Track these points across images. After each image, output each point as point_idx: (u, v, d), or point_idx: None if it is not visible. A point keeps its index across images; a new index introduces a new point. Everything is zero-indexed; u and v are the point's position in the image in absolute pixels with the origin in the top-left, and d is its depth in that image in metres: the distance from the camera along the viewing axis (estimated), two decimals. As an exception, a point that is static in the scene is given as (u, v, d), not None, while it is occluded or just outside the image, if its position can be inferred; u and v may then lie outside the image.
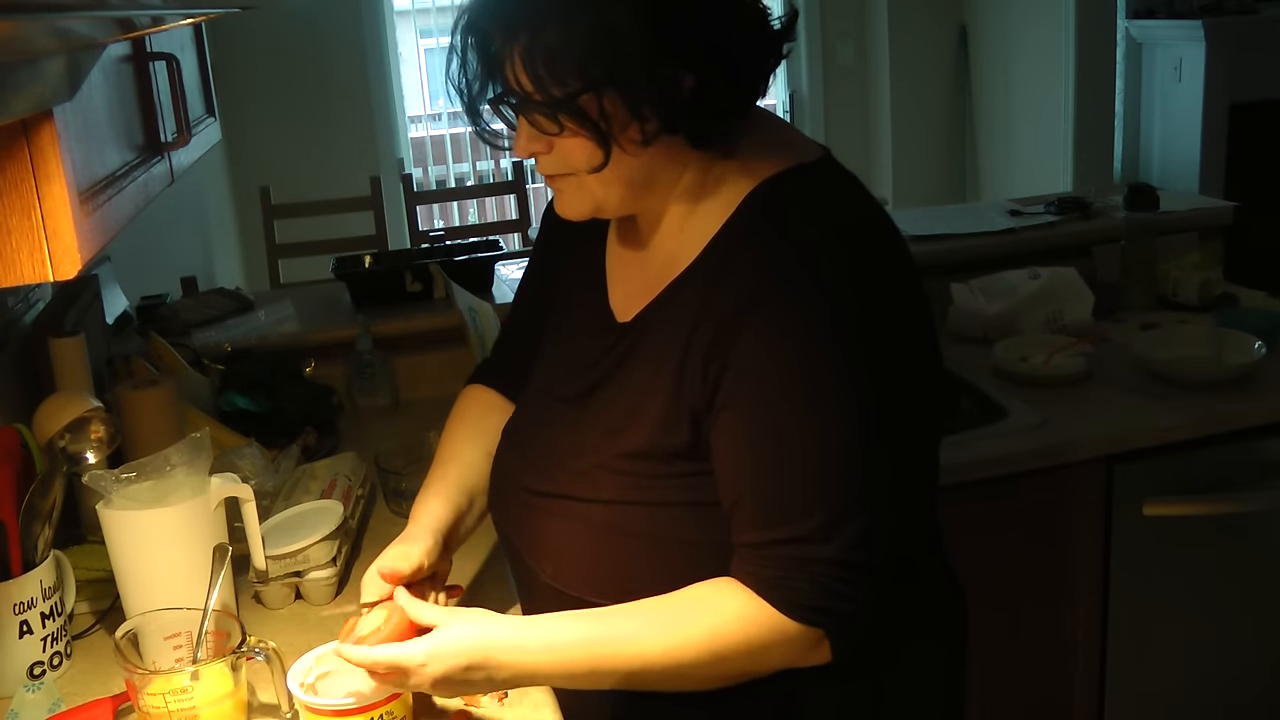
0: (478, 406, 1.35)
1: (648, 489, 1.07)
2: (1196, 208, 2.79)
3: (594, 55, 0.97)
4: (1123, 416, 2.01)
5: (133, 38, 1.40)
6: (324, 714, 1.09)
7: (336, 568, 1.45)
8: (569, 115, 0.99)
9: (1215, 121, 4.59)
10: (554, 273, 1.27)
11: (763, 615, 1.00)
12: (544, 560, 1.15)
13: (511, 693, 1.20)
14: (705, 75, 0.99)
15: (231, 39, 4.25)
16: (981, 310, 2.40)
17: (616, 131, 1.00)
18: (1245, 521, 2.04)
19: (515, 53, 0.98)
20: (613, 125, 1.00)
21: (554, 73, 0.98)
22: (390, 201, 4.33)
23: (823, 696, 1.09)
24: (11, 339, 1.65)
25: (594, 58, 0.97)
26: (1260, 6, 4.62)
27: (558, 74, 0.98)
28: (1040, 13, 4.80)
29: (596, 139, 1.00)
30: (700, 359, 1.03)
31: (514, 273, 2.54)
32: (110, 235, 1.16)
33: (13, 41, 0.83)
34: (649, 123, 1.00)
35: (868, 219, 1.07)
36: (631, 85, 0.98)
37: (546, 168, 1.07)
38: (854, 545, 0.99)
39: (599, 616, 1.04)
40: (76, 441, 1.36)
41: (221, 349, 2.14)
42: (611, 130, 1.00)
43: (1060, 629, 2.03)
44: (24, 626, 1.26)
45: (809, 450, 0.99)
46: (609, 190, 1.06)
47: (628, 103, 0.99)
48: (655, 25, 0.96)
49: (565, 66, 0.97)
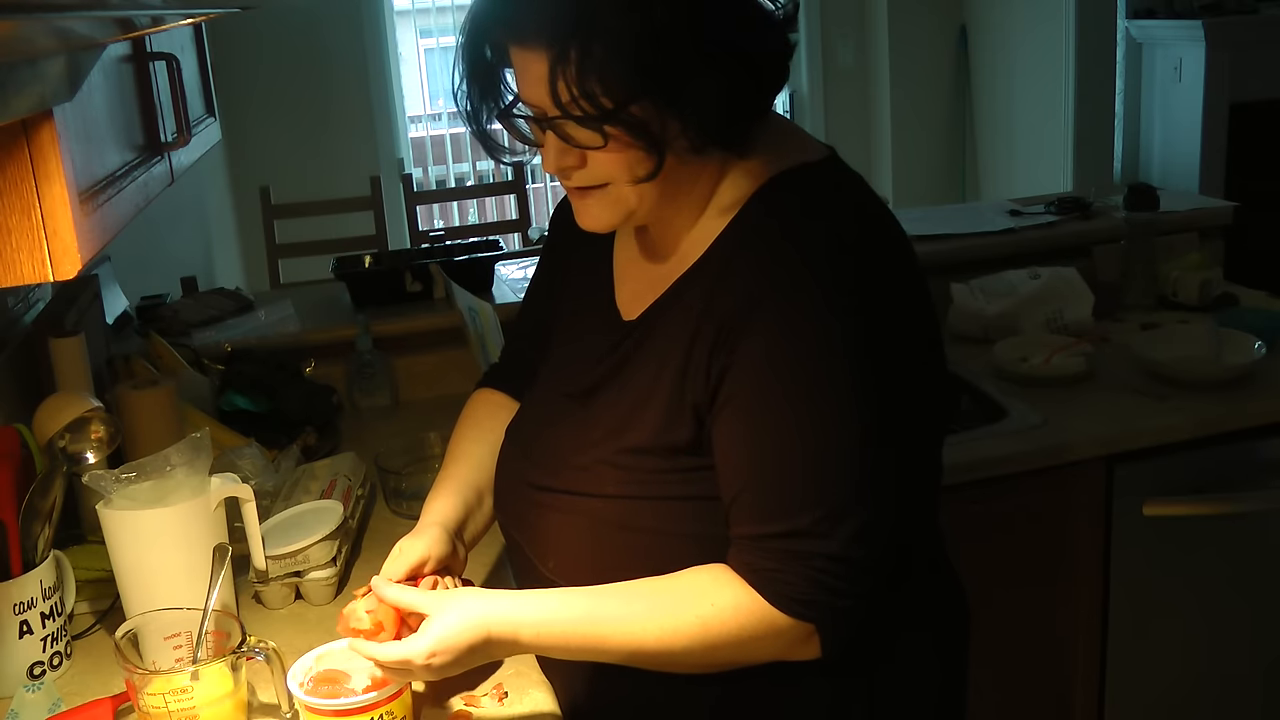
0: (486, 407, 1.36)
1: (650, 484, 1.07)
2: (1196, 208, 2.79)
3: (644, 61, 0.95)
4: (1123, 416, 2.01)
5: (133, 38, 1.40)
6: (324, 714, 1.09)
7: (336, 568, 1.45)
8: (620, 126, 0.97)
9: (1215, 121, 4.59)
10: (562, 276, 1.27)
11: (755, 607, 1.01)
12: (546, 555, 1.16)
13: (511, 692, 1.20)
14: (739, 77, 0.99)
15: (231, 39, 4.24)
16: (981, 310, 2.40)
17: (670, 139, 0.99)
18: (1245, 521, 2.04)
19: (561, 69, 0.95)
20: (667, 133, 0.99)
21: (605, 84, 0.95)
22: (390, 201, 4.33)
23: (815, 690, 1.09)
24: (11, 339, 1.65)
25: (645, 63, 0.95)
26: (1260, 6, 4.62)
27: (608, 85, 0.95)
28: (1040, 13, 4.80)
29: (649, 147, 0.99)
30: (704, 356, 1.04)
31: (514, 273, 2.54)
32: (110, 235, 1.16)
33: (13, 41, 0.83)
34: (691, 129, 0.99)
35: (872, 218, 1.07)
36: (680, 91, 0.97)
37: (579, 180, 1.05)
38: (851, 542, 1.00)
39: (594, 595, 1.06)
40: (76, 441, 1.36)
41: (221, 349, 2.14)
42: (665, 137, 0.99)
43: (1060, 629, 2.03)
44: (24, 626, 1.26)
45: (809, 446, 1.00)
46: (644, 199, 1.05)
47: (676, 109, 0.98)
48: (695, 29, 0.95)
49: (616, 77, 0.95)
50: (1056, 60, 4.76)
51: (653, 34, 0.94)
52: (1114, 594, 2.02)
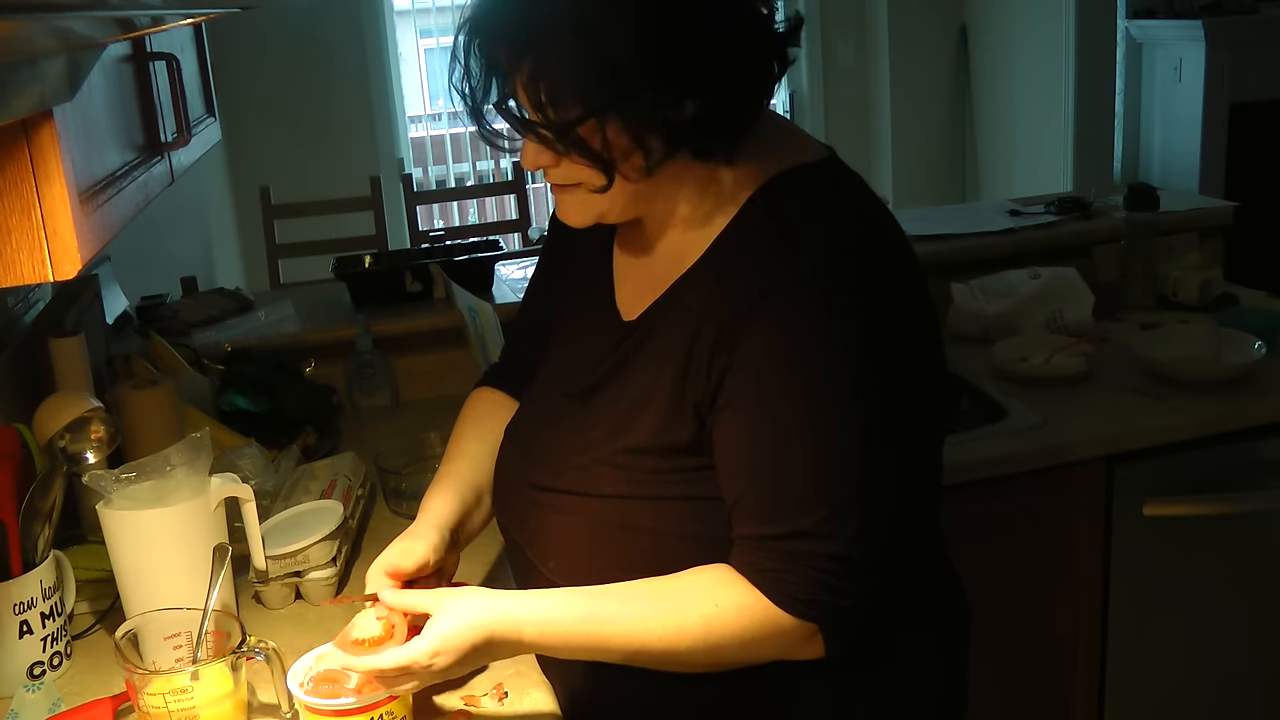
0: (485, 406, 1.36)
1: (650, 484, 1.07)
2: (1196, 208, 2.79)
3: (595, 84, 0.96)
4: (1123, 416, 2.01)
5: (133, 38, 1.40)
6: (324, 714, 1.09)
7: (336, 568, 1.45)
8: (569, 142, 0.99)
9: (1215, 121, 4.59)
10: (561, 275, 1.27)
11: (758, 607, 1.01)
12: (546, 555, 1.16)
13: (511, 692, 1.20)
14: (710, 98, 0.99)
15: (231, 39, 4.24)
16: (981, 310, 2.40)
17: (619, 159, 1.00)
18: (1245, 521, 2.04)
19: (518, 76, 0.98)
20: (614, 153, 1.00)
21: (556, 99, 0.97)
22: (390, 201, 4.33)
23: (815, 690, 1.09)
24: (11, 339, 1.65)
25: (596, 87, 0.96)
26: (1260, 6, 4.62)
27: (560, 101, 0.97)
28: (1040, 13, 4.80)
29: (598, 166, 1.00)
30: (704, 357, 1.04)
31: (514, 273, 2.54)
32: (110, 235, 1.16)
33: (13, 41, 0.83)
34: (652, 151, 1.00)
35: (871, 218, 1.07)
36: (634, 114, 0.97)
37: (553, 178, 1.07)
38: (853, 542, 1.00)
39: (597, 595, 1.05)
40: (76, 441, 1.36)
41: (221, 349, 2.14)
42: (613, 157, 1.00)
43: (1060, 629, 2.03)
44: (24, 626, 1.26)
45: (810, 447, 1.00)
46: (614, 203, 1.06)
47: (630, 131, 0.99)
48: (658, 53, 0.96)
49: (568, 94, 0.97)
50: (1056, 60, 4.77)
51: (604, 60, 0.95)
52: (1114, 594, 2.02)
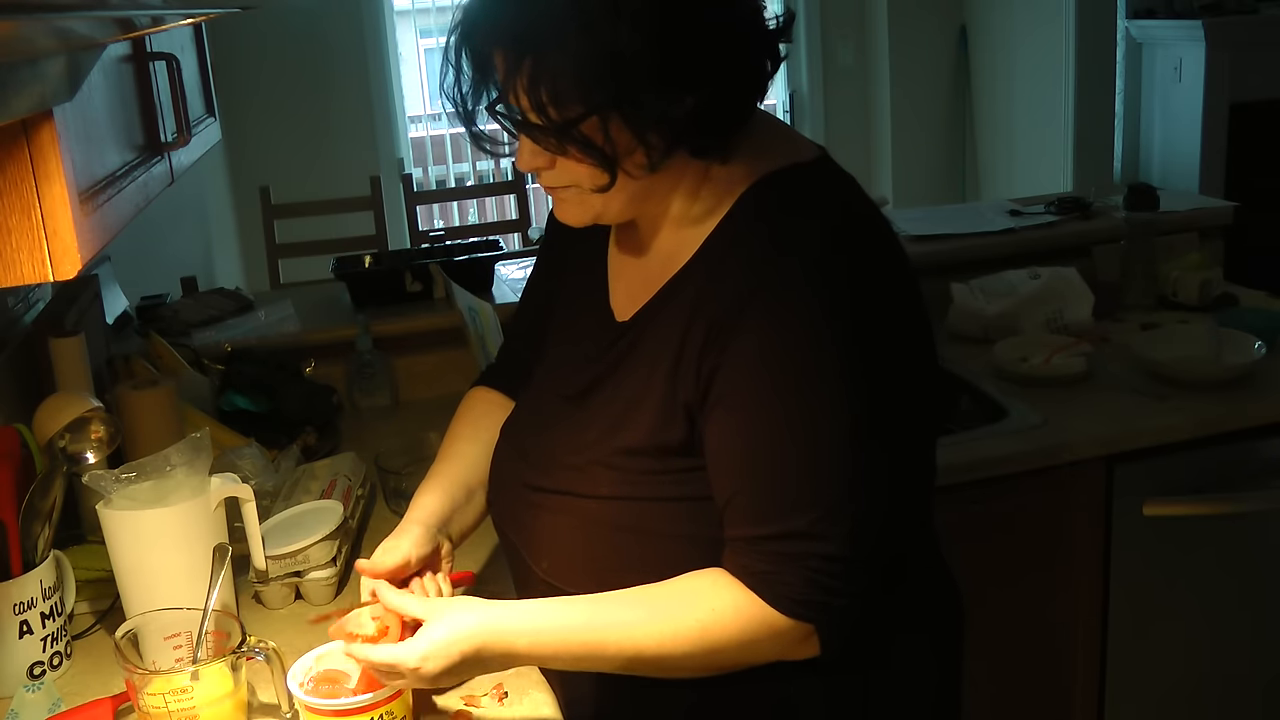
0: (481, 406, 1.36)
1: (643, 484, 1.07)
2: (1196, 208, 2.79)
3: (598, 81, 0.95)
4: (1123, 416, 2.01)
5: (133, 38, 1.40)
6: (324, 714, 1.09)
7: (336, 568, 1.45)
8: (571, 141, 0.98)
9: (1215, 121, 4.59)
10: (558, 275, 1.27)
11: (754, 609, 1.01)
12: (540, 555, 1.16)
13: (511, 692, 1.20)
14: (709, 93, 0.99)
15: (231, 39, 4.24)
16: (981, 310, 2.40)
17: (621, 156, 1.00)
18: (1245, 521, 2.04)
19: (517, 76, 0.97)
20: (618, 150, 0.99)
21: (557, 98, 0.96)
22: (390, 201, 4.33)
23: (809, 690, 1.09)
24: (11, 339, 1.65)
25: (598, 84, 0.95)
26: (1260, 6, 4.63)
27: (561, 99, 0.96)
28: (1040, 13, 4.80)
29: (601, 164, 1.00)
30: (694, 357, 1.04)
31: (514, 273, 2.54)
32: (110, 235, 1.16)
33: (13, 41, 0.83)
34: (654, 147, 0.99)
35: (861, 218, 1.07)
36: (636, 111, 0.97)
37: (548, 180, 1.07)
38: (846, 541, 1.00)
39: (591, 604, 1.05)
40: (76, 441, 1.36)
41: (221, 349, 2.14)
42: (616, 154, 1.00)
43: (1060, 629, 2.03)
44: (24, 626, 1.26)
45: (802, 447, 1.00)
46: (610, 204, 1.06)
47: (632, 128, 0.98)
48: (659, 48, 0.95)
49: (569, 92, 0.96)
50: (1056, 60, 4.77)
51: (608, 56, 0.94)
52: (1114, 594, 2.02)
